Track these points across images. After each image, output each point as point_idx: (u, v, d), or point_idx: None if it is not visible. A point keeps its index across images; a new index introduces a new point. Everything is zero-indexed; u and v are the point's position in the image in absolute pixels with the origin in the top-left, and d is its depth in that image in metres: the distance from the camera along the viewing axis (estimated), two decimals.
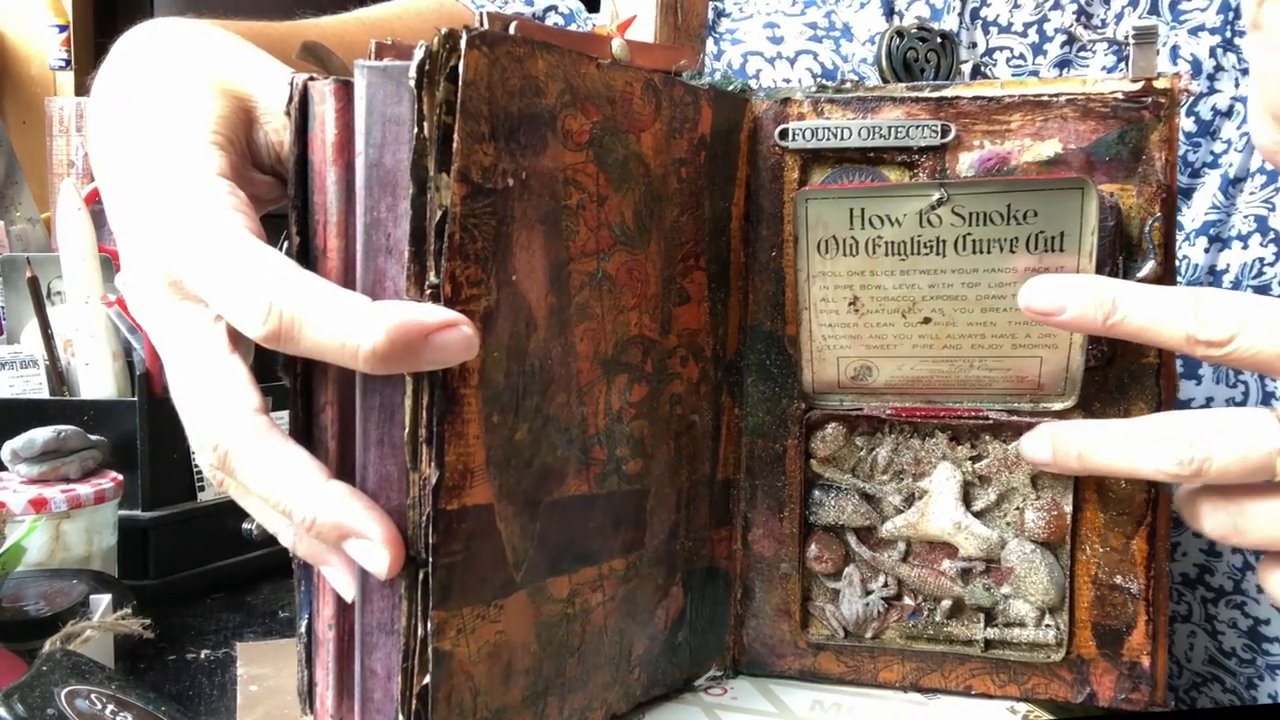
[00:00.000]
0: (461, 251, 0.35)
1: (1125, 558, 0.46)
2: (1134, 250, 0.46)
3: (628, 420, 0.42)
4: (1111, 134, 0.46)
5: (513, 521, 0.38)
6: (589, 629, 0.42)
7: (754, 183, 0.48)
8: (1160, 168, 0.45)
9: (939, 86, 0.47)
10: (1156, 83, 0.45)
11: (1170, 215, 0.46)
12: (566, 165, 0.38)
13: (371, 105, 0.36)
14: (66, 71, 2.21)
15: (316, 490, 0.35)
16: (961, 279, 0.44)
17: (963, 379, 0.46)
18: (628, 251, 0.41)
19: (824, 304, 0.46)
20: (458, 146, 0.34)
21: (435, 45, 0.34)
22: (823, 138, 0.48)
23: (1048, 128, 0.46)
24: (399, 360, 0.34)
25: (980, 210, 0.42)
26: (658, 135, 0.42)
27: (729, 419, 0.49)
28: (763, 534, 0.50)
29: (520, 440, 0.38)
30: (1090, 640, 0.47)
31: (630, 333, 0.42)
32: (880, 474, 0.49)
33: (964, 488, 0.48)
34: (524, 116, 0.36)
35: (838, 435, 0.49)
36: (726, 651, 0.50)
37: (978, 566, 0.48)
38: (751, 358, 0.49)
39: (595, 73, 0.39)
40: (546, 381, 0.39)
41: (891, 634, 0.49)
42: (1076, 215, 0.42)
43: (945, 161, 0.47)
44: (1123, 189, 0.46)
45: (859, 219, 0.43)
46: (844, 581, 0.49)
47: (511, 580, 0.38)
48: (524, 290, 0.37)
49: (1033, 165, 0.46)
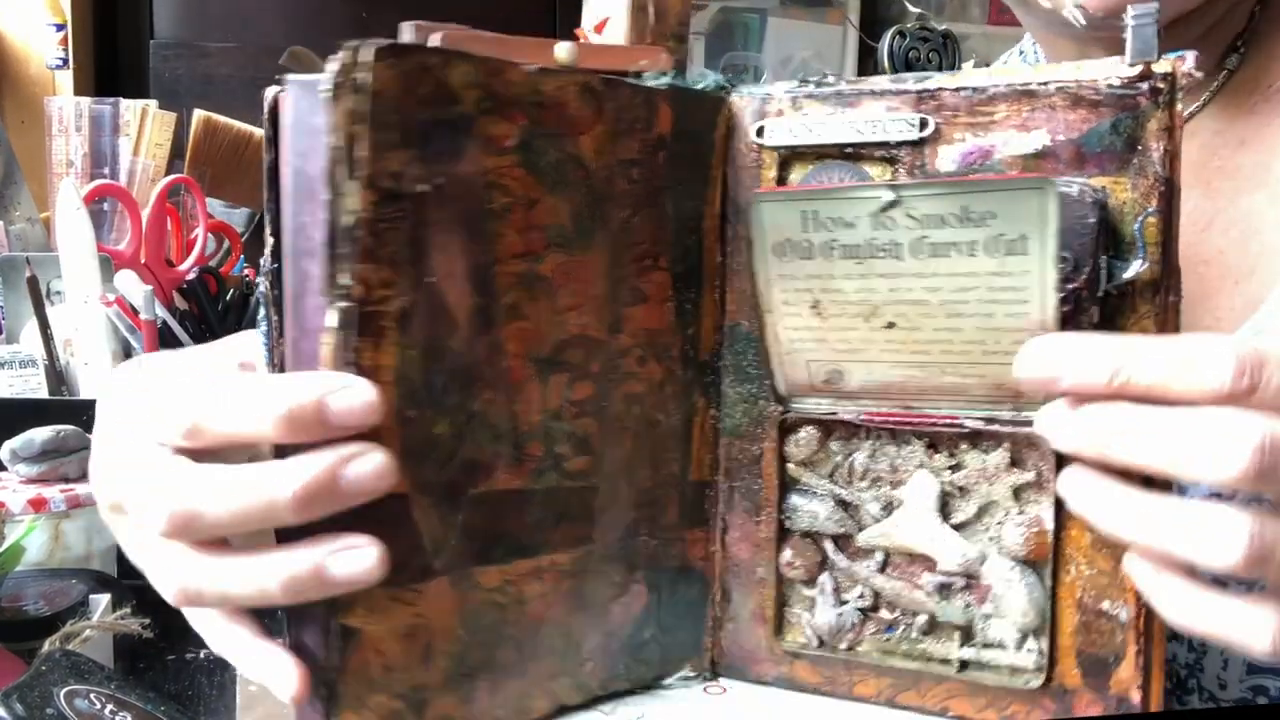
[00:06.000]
0: (373, 255, 0.36)
1: (1114, 582, 0.43)
2: (1126, 249, 0.42)
3: (569, 418, 0.43)
4: (1104, 123, 0.42)
5: (430, 512, 0.39)
6: (526, 619, 0.43)
7: (732, 181, 0.47)
8: (1158, 159, 0.41)
9: (923, 78, 0.45)
10: (1156, 66, 0.41)
11: (1170, 210, 0.42)
12: (488, 169, 0.39)
13: (296, 116, 0.38)
14: (65, 71, 2.14)
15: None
16: (922, 283, 0.42)
17: (937, 384, 0.44)
18: (565, 253, 0.42)
19: (786, 307, 0.45)
20: (366, 155, 0.36)
21: (344, 58, 0.36)
22: (800, 134, 0.47)
23: (1034, 118, 0.43)
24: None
25: (935, 212, 0.40)
26: (599, 137, 0.42)
27: (704, 420, 0.48)
28: (739, 537, 0.49)
29: (440, 435, 0.39)
30: (1075, 669, 0.44)
31: (570, 333, 0.42)
32: (859, 480, 0.47)
33: (942, 498, 0.45)
34: (437, 124, 0.37)
35: (811, 439, 0.47)
36: (705, 653, 0.50)
37: (957, 582, 0.46)
38: (729, 358, 0.49)
39: (521, 79, 0.39)
40: (471, 379, 0.40)
41: (868, 647, 0.47)
42: (1037, 217, 0.39)
43: (925, 157, 0.45)
44: (1116, 182, 0.42)
45: (812, 222, 0.42)
46: (817, 589, 0.48)
47: (429, 567, 0.39)
48: (443, 291, 0.38)
49: (1016, 159, 0.44)
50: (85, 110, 1.35)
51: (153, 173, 1.33)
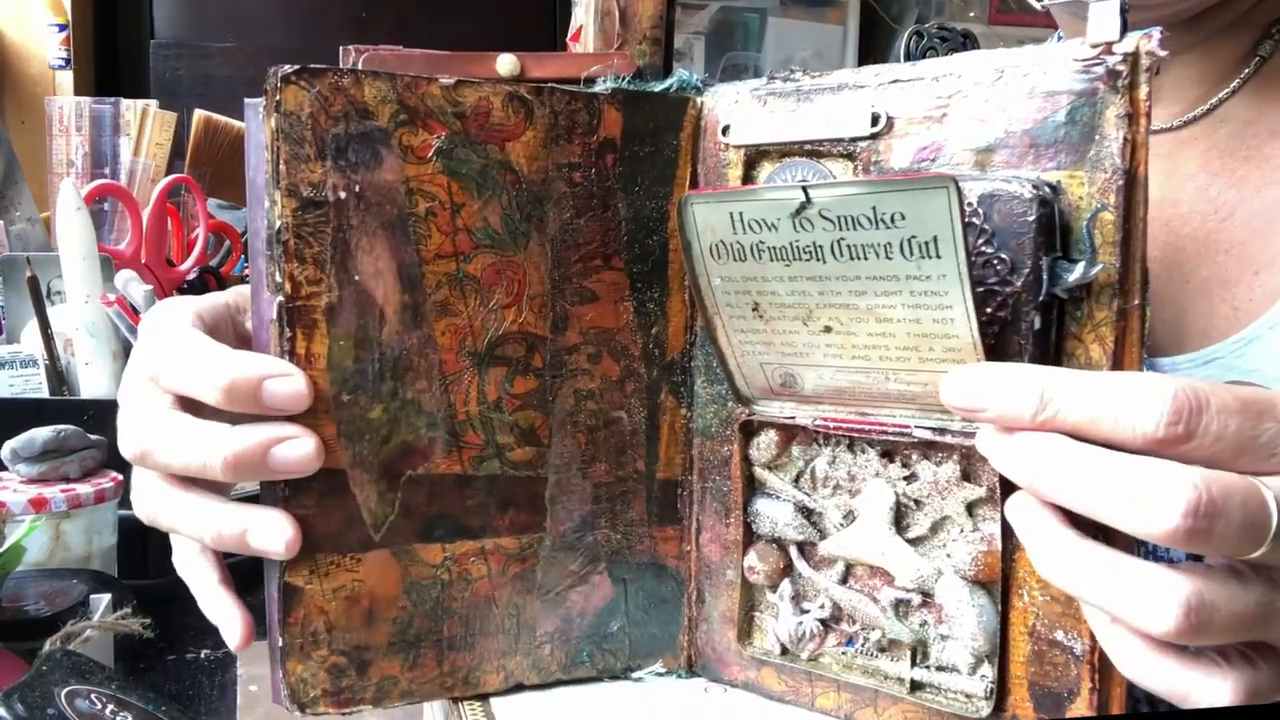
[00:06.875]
0: (298, 255, 0.40)
1: (1068, 611, 0.39)
2: (1080, 249, 0.38)
3: (510, 410, 0.45)
4: (1059, 112, 0.39)
5: (369, 488, 0.43)
6: (471, 597, 0.45)
7: (702, 181, 0.47)
8: (1117, 149, 0.38)
9: (882, 71, 0.43)
10: (1117, 46, 0.38)
11: (1131, 206, 0.38)
12: (409, 177, 0.42)
13: (250, 134, 0.42)
14: (66, 71, 2.13)
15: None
16: (847, 286, 0.40)
17: (885, 391, 0.42)
18: (495, 253, 0.44)
19: (730, 309, 0.44)
20: (284, 167, 0.40)
21: (269, 81, 0.40)
22: (763, 132, 0.46)
23: (989, 109, 0.40)
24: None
25: (847, 214, 0.38)
26: (530, 143, 0.44)
27: (673, 419, 0.49)
28: (710, 538, 0.49)
29: (376, 418, 0.42)
30: (1026, 701, 0.41)
31: (506, 329, 0.44)
32: (821, 487, 0.46)
33: (897, 510, 0.43)
34: (352, 137, 0.40)
35: (772, 443, 0.46)
36: (681, 651, 0.50)
37: (915, 599, 0.44)
38: (701, 358, 0.49)
39: (438, 92, 0.42)
40: (403, 369, 0.43)
41: (829, 659, 0.46)
42: (945, 217, 0.37)
43: (880, 152, 0.43)
44: (1071, 176, 0.39)
45: (740, 223, 0.41)
46: (778, 596, 0.47)
47: (369, 539, 0.43)
48: (369, 288, 0.42)
49: (969, 153, 0.41)
50: (86, 110, 1.33)
51: (153, 173, 1.32)
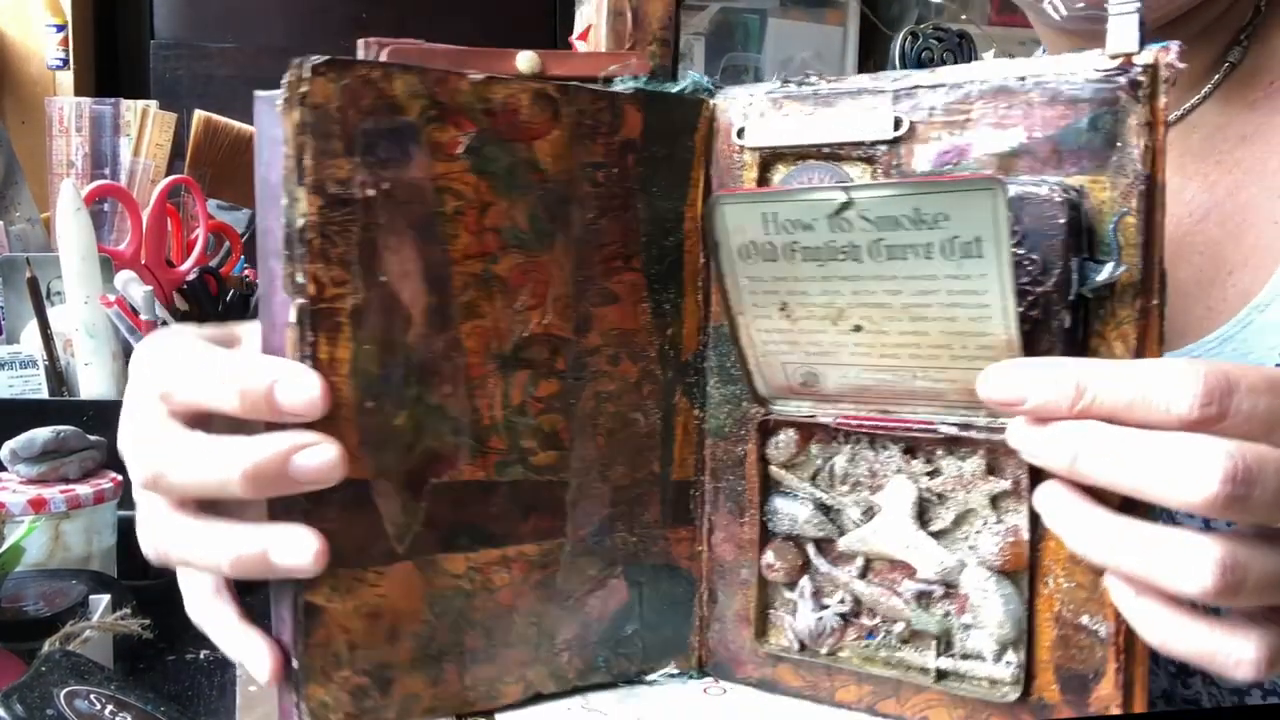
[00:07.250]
0: (324, 255, 0.39)
1: (1093, 595, 0.41)
2: (1105, 251, 0.40)
3: (534, 414, 0.44)
4: (1082, 119, 0.41)
5: (392, 498, 0.41)
6: (494, 606, 0.44)
7: (715, 183, 0.48)
8: (1139, 156, 0.39)
9: (901, 76, 0.44)
10: (1137, 58, 0.40)
11: (1151, 210, 0.40)
12: (438, 175, 0.41)
13: (262, 128, 0.40)
14: (65, 71, 2.13)
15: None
16: (883, 286, 0.41)
17: (911, 389, 0.43)
18: (522, 254, 0.43)
19: (756, 309, 0.45)
20: (310, 163, 0.38)
21: (292, 74, 0.38)
22: (780, 135, 0.46)
23: (1011, 115, 0.42)
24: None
25: (888, 214, 0.39)
26: (556, 142, 0.43)
27: (687, 420, 0.49)
28: (724, 537, 0.49)
29: (400, 425, 0.41)
30: (1053, 684, 0.42)
31: (531, 331, 0.44)
32: (839, 484, 0.46)
33: (920, 505, 0.45)
34: (381, 133, 0.39)
35: (791, 442, 0.47)
36: (692, 652, 0.50)
37: (937, 590, 0.45)
38: (714, 359, 0.49)
39: (468, 88, 0.41)
40: (429, 373, 0.41)
41: (848, 653, 0.47)
42: (989, 218, 0.38)
43: (901, 156, 0.44)
44: (1094, 181, 0.40)
45: (773, 224, 0.42)
46: (797, 593, 0.48)
47: (393, 551, 0.41)
48: (396, 290, 0.40)
49: (992, 158, 0.42)
50: (85, 110, 1.33)
51: (153, 173, 1.31)
